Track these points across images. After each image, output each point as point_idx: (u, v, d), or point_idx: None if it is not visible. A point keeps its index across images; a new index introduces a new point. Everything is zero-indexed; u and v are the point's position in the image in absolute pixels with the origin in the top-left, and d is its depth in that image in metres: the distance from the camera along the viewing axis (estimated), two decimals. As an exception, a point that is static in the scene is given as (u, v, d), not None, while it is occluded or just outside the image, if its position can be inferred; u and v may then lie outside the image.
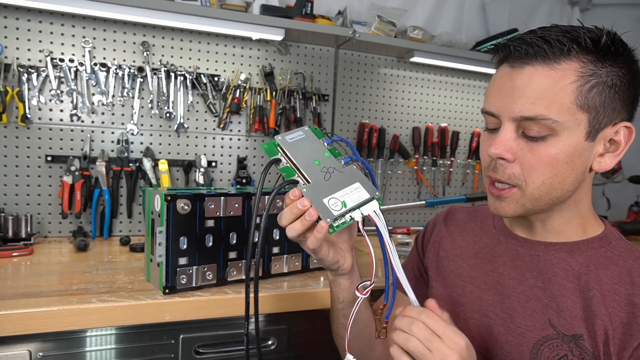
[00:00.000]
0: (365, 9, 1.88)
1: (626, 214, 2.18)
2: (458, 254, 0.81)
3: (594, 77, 0.59)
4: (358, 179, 0.66)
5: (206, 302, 0.95)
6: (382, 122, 1.96)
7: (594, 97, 0.60)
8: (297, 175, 0.65)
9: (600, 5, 2.38)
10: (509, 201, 0.65)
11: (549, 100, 0.59)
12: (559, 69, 0.59)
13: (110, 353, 0.94)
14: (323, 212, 0.61)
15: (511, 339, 0.67)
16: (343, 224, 0.63)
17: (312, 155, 0.67)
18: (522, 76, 0.61)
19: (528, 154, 0.62)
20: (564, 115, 0.59)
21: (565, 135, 0.60)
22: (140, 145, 1.61)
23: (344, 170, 0.67)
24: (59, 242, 1.47)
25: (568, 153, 0.61)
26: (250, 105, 1.72)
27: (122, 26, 1.56)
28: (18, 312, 0.83)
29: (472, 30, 2.08)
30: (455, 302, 0.77)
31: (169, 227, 0.94)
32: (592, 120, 0.60)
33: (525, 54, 0.61)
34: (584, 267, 0.66)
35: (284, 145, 0.67)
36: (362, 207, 0.64)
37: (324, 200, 0.62)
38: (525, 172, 0.62)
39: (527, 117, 0.60)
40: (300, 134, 0.70)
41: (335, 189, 0.64)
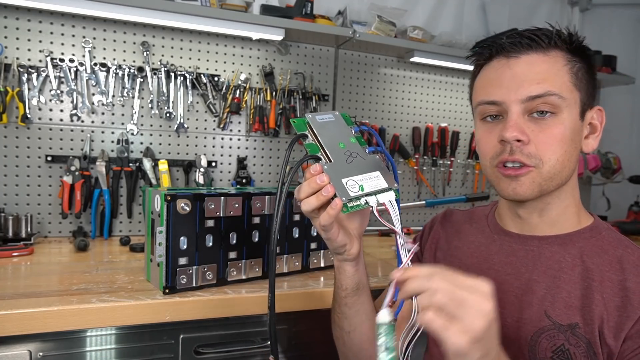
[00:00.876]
0: (365, 9, 1.88)
1: (626, 214, 2.18)
2: (455, 255, 0.82)
3: (577, 62, 0.68)
4: (379, 168, 0.67)
5: (206, 302, 0.95)
6: (382, 122, 1.96)
7: (581, 79, 0.68)
8: (320, 153, 0.67)
9: (600, 5, 2.38)
10: (526, 179, 0.67)
11: (552, 79, 0.65)
12: (551, 56, 0.67)
13: (110, 353, 0.94)
14: (340, 191, 0.62)
15: (509, 333, 0.69)
16: (357, 206, 0.63)
17: (338, 138, 0.68)
18: (520, 64, 0.67)
19: (540, 134, 0.66)
20: (566, 92, 0.66)
21: (567, 112, 0.66)
22: (140, 145, 1.61)
23: (366, 157, 0.68)
24: (59, 242, 1.47)
25: (572, 130, 0.67)
26: (250, 105, 1.72)
27: (122, 26, 1.56)
28: (18, 312, 0.83)
29: (472, 30, 2.08)
30: None
31: (169, 227, 0.94)
32: (583, 99, 0.68)
33: (520, 45, 0.67)
34: (578, 258, 0.68)
35: (312, 124, 0.68)
36: (378, 194, 0.65)
37: (342, 179, 0.63)
38: (541, 152, 0.66)
39: (536, 96, 0.65)
40: (330, 116, 0.71)
41: (356, 172, 0.65)
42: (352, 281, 0.75)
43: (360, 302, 0.77)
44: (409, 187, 2.04)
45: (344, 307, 0.77)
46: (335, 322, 0.82)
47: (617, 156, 2.26)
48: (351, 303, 0.76)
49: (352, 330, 0.79)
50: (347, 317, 0.77)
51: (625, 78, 2.17)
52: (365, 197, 0.64)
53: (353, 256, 0.72)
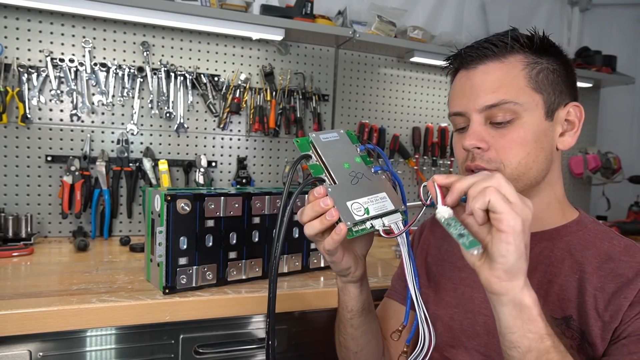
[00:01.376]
0: (365, 9, 1.88)
1: (626, 214, 2.18)
2: (445, 258, 0.82)
3: (538, 64, 0.68)
4: (385, 189, 0.66)
5: (206, 302, 0.95)
6: (382, 122, 1.96)
7: (542, 80, 0.68)
8: (324, 174, 0.65)
9: (600, 5, 2.38)
10: None
11: (507, 86, 0.67)
12: (507, 62, 0.68)
13: (110, 353, 0.94)
14: (344, 215, 0.60)
15: None
16: (363, 230, 0.62)
17: (342, 158, 0.67)
18: (477, 74, 0.69)
19: (500, 139, 0.67)
20: (522, 97, 0.66)
21: (527, 116, 0.67)
22: (140, 145, 1.61)
23: (372, 177, 0.67)
24: (59, 242, 1.47)
25: (534, 132, 0.67)
26: (250, 105, 1.72)
27: (122, 26, 1.56)
28: (18, 312, 0.83)
29: (472, 30, 2.08)
30: (448, 305, 0.78)
31: (169, 227, 0.94)
32: (546, 100, 0.68)
33: (477, 56, 0.70)
34: (566, 252, 0.69)
35: (316, 143, 0.66)
36: (384, 217, 0.63)
37: (347, 203, 0.61)
38: (502, 155, 0.67)
39: (492, 105, 0.67)
40: (335, 135, 0.69)
41: (361, 194, 0.63)
42: (357, 302, 0.75)
43: (367, 322, 0.77)
44: (409, 187, 2.04)
45: (350, 329, 0.77)
46: (341, 343, 0.82)
47: (617, 156, 2.27)
48: (357, 324, 0.76)
49: (360, 351, 0.79)
50: (354, 337, 0.78)
51: (625, 78, 2.17)
52: (371, 221, 0.62)
53: (357, 278, 0.72)
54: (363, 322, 0.77)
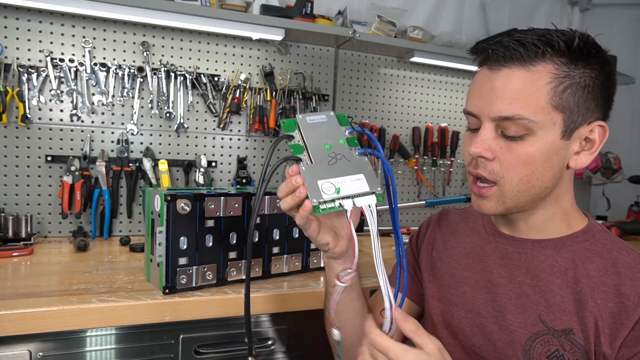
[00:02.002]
0: (365, 9, 1.88)
1: (626, 214, 2.18)
2: (450, 255, 0.82)
3: (568, 79, 0.62)
4: (364, 171, 0.65)
5: (206, 302, 0.95)
6: (382, 122, 1.96)
7: (567, 98, 0.62)
8: (304, 154, 0.66)
9: (600, 5, 2.38)
10: (490, 199, 0.67)
11: (526, 100, 0.61)
12: (534, 71, 0.62)
13: (110, 353, 0.94)
14: (312, 193, 0.62)
15: (504, 336, 0.69)
16: (331, 208, 0.62)
17: (325, 139, 0.67)
18: (499, 78, 0.64)
19: (507, 153, 0.64)
20: (539, 115, 0.61)
21: (541, 134, 0.62)
22: (140, 145, 1.61)
23: (353, 159, 0.66)
24: (59, 242, 1.47)
25: (545, 152, 0.63)
26: (250, 105, 1.72)
27: (122, 26, 1.56)
28: (18, 312, 0.83)
29: (472, 30, 2.08)
30: (449, 302, 0.78)
31: (169, 227, 0.94)
32: (566, 119, 0.63)
33: (502, 57, 0.63)
34: (570, 262, 0.67)
35: (301, 124, 0.68)
36: (357, 197, 0.63)
37: (318, 181, 0.63)
38: (504, 170, 0.65)
39: (505, 117, 0.62)
40: (322, 117, 0.70)
41: (335, 174, 0.64)
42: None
43: (350, 298, 0.77)
44: (409, 187, 2.04)
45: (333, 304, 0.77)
46: (326, 318, 0.83)
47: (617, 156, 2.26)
48: (340, 299, 0.75)
49: (342, 327, 0.78)
50: (337, 313, 0.77)
51: (625, 78, 2.17)
52: (341, 200, 0.63)
53: (338, 254, 0.71)
54: (345, 298, 0.76)
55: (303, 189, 0.62)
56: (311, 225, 0.67)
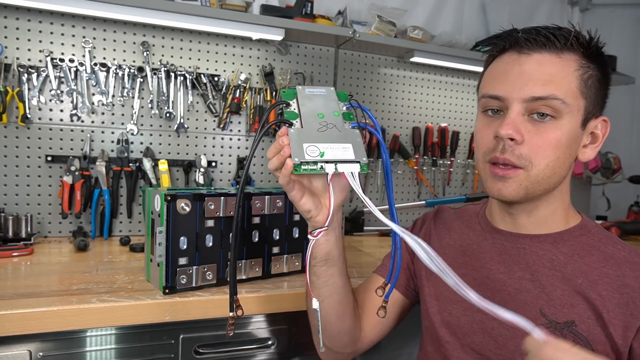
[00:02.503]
0: (365, 9, 1.88)
1: (626, 214, 2.18)
2: (447, 253, 0.82)
3: (590, 69, 0.67)
4: (352, 142, 0.66)
5: (206, 302, 0.95)
6: (382, 122, 1.96)
7: (590, 87, 0.67)
8: (297, 120, 0.67)
9: (600, 5, 2.38)
10: (513, 182, 0.67)
11: (559, 83, 0.64)
12: (564, 58, 0.66)
13: (110, 353, 0.94)
14: (295, 152, 0.63)
15: (505, 332, 0.69)
16: (312, 170, 0.63)
17: (320, 109, 0.69)
18: (530, 62, 0.66)
19: (535, 136, 0.65)
20: (570, 99, 0.65)
21: (567, 119, 0.65)
22: (140, 145, 1.61)
23: (343, 130, 0.67)
24: (59, 242, 1.47)
25: (569, 137, 0.66)
26: (250, 105, 1.72)
27: (122, 26, 1.56)
28: (18, 312, 0.83)
29: (472, 30, 2.08)
30: (447, 300, 0.78)
31: (169, 227, 0.94)
32: (587, 108, 0.67)
33: (534, 43, 0.66)
34: (569, 256, 0.69)
35: (299, 94, 0.70)
36: (340, 163, 0.64)
37: (304, 144, 0.64)
38: (533, 154, 0.65)
39: (539, 97, 0.64)
40: (322, 90, 0.72)
41: (322, 140, 0.65)
42: (322, 251, 0.74)
43: (329, 274, 0.76)
44: (409, 187, 2.04)
45: (313, 276, 0.77)
46: (307, 292, 0.82)
47: (617, 156, 2.26)
48: (319, 272, 0.76)
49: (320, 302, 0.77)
50: (316, 286, 0.77)
51: (625, 78, 2.17)
52: (323, 164, 0.63)
53: (319, 224, 0.71)
54: (325, 272, 0.76)
55: (287, 149, 0.63)
56: (294, 187, 0.68)
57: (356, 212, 1.87)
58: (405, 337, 0.83)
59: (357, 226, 1.83)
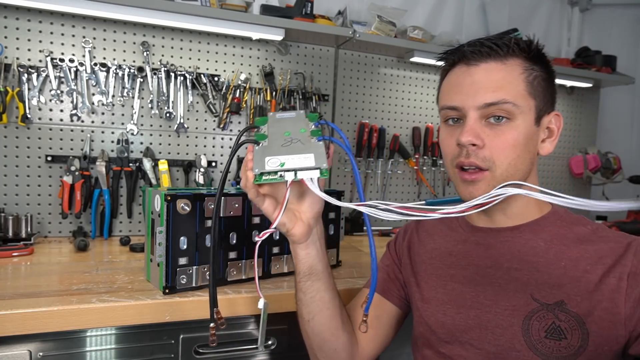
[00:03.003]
0: (365, 9, 1.88)
1: (626, 213, 2.18)
2: (433, 256, 0.84)
3: (534, 70, 0.72)
4: (314, 152, 0.67)
5: (206, 302, 0.95)
6: (382, 122, 1.96)
7: (537, 86, 0.71)
8: (265, 140, 0.71)
9: (600, 5, 2.38)
10: (481, 184, 0.71)
11: (507, 87, 0.69)
12: (508, 64, 0.71)
13: (110, 353, 0.94)
14: (256, 165, 0.67)
15: (501, 322, 0.71)
16: (272, 179, 0.66)
17: (286, 128, 0.72)
18: (479, 72, 0.71)
19: (494, 139, 0.70)
20: (520, 100, 0.69)
21: (521, 119, 0.70)
22: (140, 145, 1.61)
23: (307, 143, 0.69)
24: (59, 242, 1.47)
25: (525, 136, 0.70)
26: (250, 105, 1.72)
27: (122, 26, 1.56)
28: (18, 312, 0.83)
29: (472, 30, 2.08)
30: (439, 302, 0.79)
31: (169, 227, 0.94)
32: (537, 106, 0.71)
33: (479, 54, 0.71)
34: (548, 242, 0.72)
35: (270, 119, 0.76)
36: (300, 171, 0.65)
37: (266, 157, 0.67)
38: (495, 155, 0.70)
39: (491, 103, 0.69)
40: (292, 114, 0.77)
41: (284, 153, 0.67)
42: (304, 265, 0.76)
43: (315, 288, 0.77)
44: (408, 187, 2.04)
45: (300, 293, 0.78)
46: (297, 311, 0.82)
47: (617, 156, 2.26)
48: (305, 288, 0.77)
49: (311, 319, 0.79)
50: (304, 303, 0.78)
51: (625, 78, 2.17)
52: (283, 172, 0.65)
53: (297, 238, 0.73)
54: (311, 287, 0.76)
55: (250, 162, 0.68)
56: (264, 200, 0.71)
57: (356, 212, 1.87)
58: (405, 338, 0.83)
59: (357, 226, 1.83)
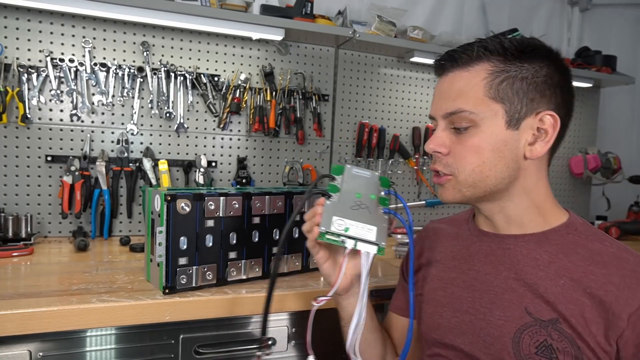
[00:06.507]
0: (365, 9, 1.88)
1: (626, 214, 2.18)
2: (439, 260, 0.84)
3: (503, 73, 0.68)
4: (378, 225, 0.72)
5: (206, 302, 0.95)
6: (382, 122, 1.96)
7: (505, 89, 0.68)
8: (337, 194, 0.75)
9: (600, 5, 2.38)
10: (447, 187, 0.74)
11: (465, 95, 0.69)
12: (472, 70, 0.70)
13: (110, 353, 0.94)
14: (324, 222, 0.70)
15: (492, 331, 0.70)
16: (334, 240, 0.70)
17: (359, 189, 0.76)
18: (445, 81, 0.73)
19: (458, 146, 0.71)
20: (479, 107, 0.68)
21: (485, 125, 0.69)
22: (140, 145, 1.61)
23: (374, 212, 0.73)
24: (59, 242, 1.47)
25: (492, 141, 0.69)
26: (250, 105, 1.72)
27: (122, 26, 1.56)
28: (18, 312, 0.83)
29: (472, 30, 2.08)
30: (438, 304, 0.80)
31: (169, 227, 0.94)
32: (508, 109, 0.68)
33: (446, 64, 0.73)
34: (553, 255, 0.69)
35: (346, 172, 0.79)
36: (360, 242, 0.70)
37: (334, 216, 0.71)
38: (457, 162, 0.71)
39: (451, 112, 0.70)
40: (367, 173, 0.81)
41: (351, 217, 0.71)
42: (346, 313, 0.82)
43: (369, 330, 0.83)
44: (409, 187, 2.04)
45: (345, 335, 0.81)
46: None
47: (617, 156, 2.26)
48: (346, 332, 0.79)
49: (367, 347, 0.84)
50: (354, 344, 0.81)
51: (625, 78, 2.17)
52: (345, 238, 0.69)
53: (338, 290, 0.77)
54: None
55: (319, 217, 0.71)
56: (319, 251, 0.76)
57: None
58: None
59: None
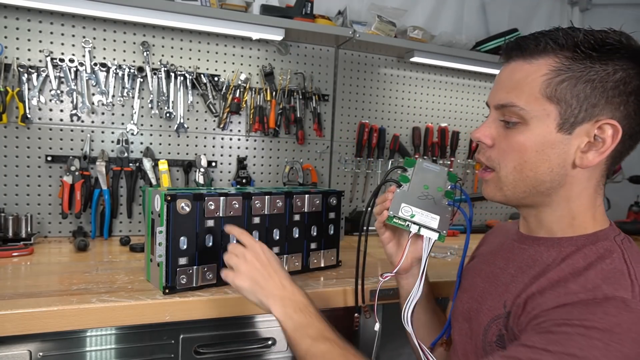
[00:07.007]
0: (365, 9, 1.88)
1: (626, 214, 2.18)
2: (482, 253, 0.89)
3: (568, 72, 0.63)
4: (441, 216, 0.79)
5: (206, 302, 0.95)
6: (382, 122, 1.96)
7: (564, 90, 0.63)
8: (407, 184, 0.83)
9: (600, 5, 2.38)
10: (490, 183, 0.73)
11: (520, 90, 0.66)
12: (534, 63, 0.65)
13: (110, 353, 0.94)
14: (393, 207, 0.79)
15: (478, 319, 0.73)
16: (400, 224, 0.78)
17: (427, 182, 0.83)
18: (506, 70, 0.70)
19: (504, 141, 0.69)
20: (531, 105, 0.65)
21: (534, 124, 0.65)
22: (140, 145, 1.61)
23: (439, 203, 0.81)
24: (59, 242, 1.47)
25: (537, 142, 0.66)
26: (250, 105, 1.72)
27: (122, 26, 1.56)
28: (18, 312, 0.83)
29: (472, 30, 2.08)
30: (463, 290, 0.83)
31: (169, 227, 0.94)
32: (563, 112, 0.63)
33: (511, 51, 0.69)
34: (559, 261, 0.65)
35: (417, 165, 0.87)
36: (424, 228, 0.78)
37: (402, 203, 0.79)
38: (499, 157, 0.70)
39: (502, 105, 0.68)
40: (437, 168, 0.87)
41: (418, 205, 0.79)
42: (404, 292, 0.89)
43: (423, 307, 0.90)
44: (409, 187, 2.03)
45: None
46: None
47: (617, 156, 2.26)
48: None
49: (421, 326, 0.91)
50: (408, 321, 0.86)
51: (625, 78, 2.17)
52: (411, 223, 0.78)
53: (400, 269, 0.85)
54: None
55: (389, 202, 0.80)
56: (385, 232, 0.85)
57: (356, 212, 1.87)
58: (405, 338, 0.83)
59: (358, 226, 1.83)
